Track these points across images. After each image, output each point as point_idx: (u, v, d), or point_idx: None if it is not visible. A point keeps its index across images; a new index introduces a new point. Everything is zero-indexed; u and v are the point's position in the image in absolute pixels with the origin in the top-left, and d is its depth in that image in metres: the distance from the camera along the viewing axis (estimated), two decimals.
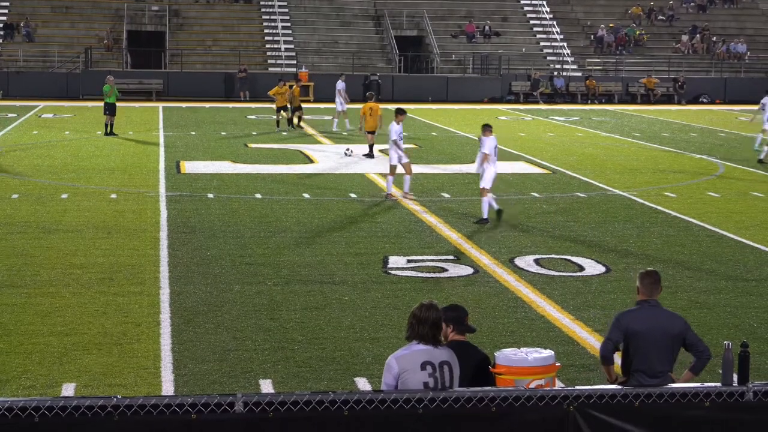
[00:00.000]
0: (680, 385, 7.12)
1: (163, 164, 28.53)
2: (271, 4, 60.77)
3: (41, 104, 48.34)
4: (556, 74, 58.20)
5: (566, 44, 60.87)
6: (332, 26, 60.42)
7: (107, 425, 5.96)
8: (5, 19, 57.76)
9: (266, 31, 59.32)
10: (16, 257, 16.95)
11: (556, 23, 62.20)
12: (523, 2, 63.75)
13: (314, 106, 49.92)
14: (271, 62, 57.27)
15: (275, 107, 39.40)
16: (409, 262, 17.01)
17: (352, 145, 32.95)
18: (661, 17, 64.61)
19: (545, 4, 63.38)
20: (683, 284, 15.83)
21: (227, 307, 14.16)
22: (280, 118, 38.94)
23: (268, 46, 58.58)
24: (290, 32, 59.14)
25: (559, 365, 8.05)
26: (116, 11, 58.70)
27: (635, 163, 30.50)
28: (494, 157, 20.56)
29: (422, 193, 23.80)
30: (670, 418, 6.52)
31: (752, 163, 30.40)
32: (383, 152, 31.08)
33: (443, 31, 60.73)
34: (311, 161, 30.22)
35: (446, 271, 16.46)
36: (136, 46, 57.37)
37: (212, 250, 17.67)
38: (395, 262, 16.98)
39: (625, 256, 17.85)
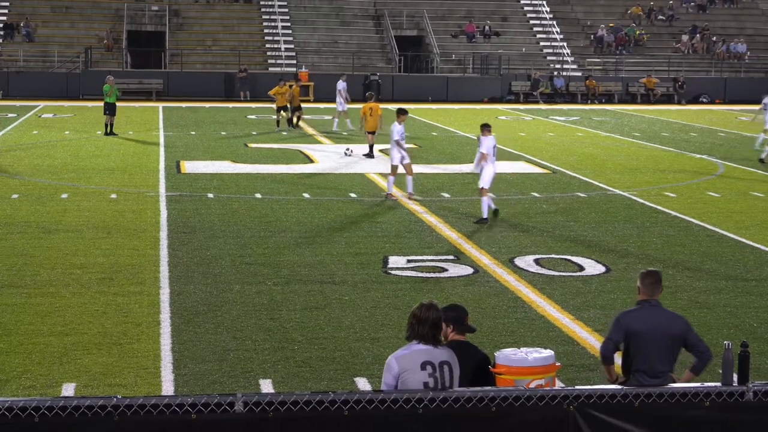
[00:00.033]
0: (680, 385, 7.11)
1: (163, 164, 28.52)
2: (271, 4, 60.76)
3: (41, 104, 48.34)
4: (556, 74, 58.19)
5: (566, 44, 60.87)
6: (332, 26, 60.42)
7: (107, 425, 5.96)
8: (5, 19, 57.76)
9: (266, 31, 59.31)
10: (16, 257, 16.94)
11: (556, 23, 62.20)
12: (523, 2, 63.75)
13: (314, 106, 49.92)
14: (271, 62, 57.27)
15: (275, 107, 39.42)
16: (409, 262, 17.00)
17: (352, 145, 32.95)
18: (661, 17, 64.61)
19: (545, 4, 63.37)
20: (683, 284, 15.83)
21: (227, 307, 14.15)
22: (280, 118, 38.95)
23: (268, 46, 58.58)
24: (290, 32, 59.14)
25: (559, 365, 8.05)
26: (116, 11, 58.70)
27: (635, 162, 30.49)
28: (493, 156, 20.56)
29: (422, 193, 23.80)
30: (670, 418, 6.52)
31: (752, 162, 30.39)
32: (383, 152, 31.11)
33: (443, 31, 60.73)
34: (311, 161, 30.21)
35: (446, 271, 16.46)
36: (136, 46, 57.37)
37: (212, 250, 17.67)
38: (395, 262, 16.98)
39: (625, 256, 17.85)
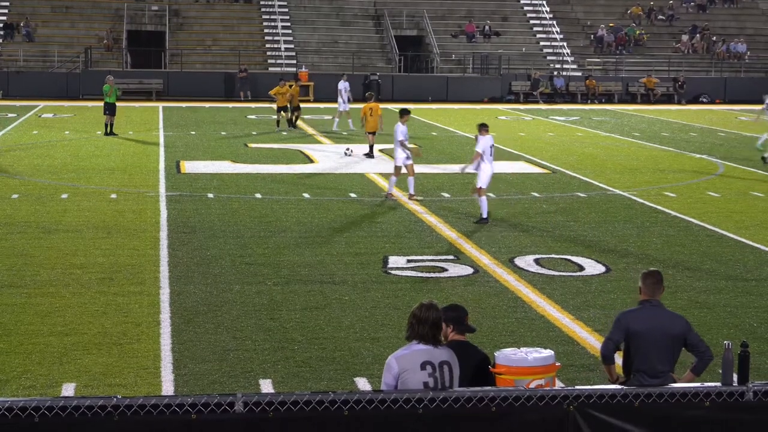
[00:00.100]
0: (680, 385, 7.11)
1: (163, 164, 28.52)
2: (271, 4, 60.76)
3: (41, 104, 48.34)
4: (556, 74, 58.18)
5: (566, 44, 60.86)
6: (332, 26, 60.42)
7: (107, 425, 5.96)
8: (5, 19, 57.75)
9: (266, 30, 59.31)
10: (16, 257, 16.94)
11: (556, 23, 62.19)
12: (523, 2, 63.74)
13: (314, 106, 49.93)
14: (271, 62, 57.26)
15: (276, 107, 39.42)
16: (409, 262, 17.00)
17: (352, 145, 32.95)
18: (661, 17, 64.60)
19: (545, 4, 63.37)
20: (683, 284, 15.83)
21: (227, 307, 14.15)
22: (280, 118, 38.96)
23: (268, 45, 58.58)
24: (290, 32, 59.13)
25: (559, 365, 8.05)
26: (116, 11, 58.70)
27: (635, 162, 30.49)
28: (490, 156, 20.56)
29: (422, 193, 23.79)
30: (670, 418, 6.52)
31: (752, 162, 30.38)
32: (383, 152, 31.11)
33: (443, 30, 60.72)
34: (311, 161, 30.21)
35: (446, 270, 16.46)
36: (136, 45, 57.36)
37: (212, 250, 17.66)
38: (395, 262, 16.98)
39: (625, 256, 17.85)
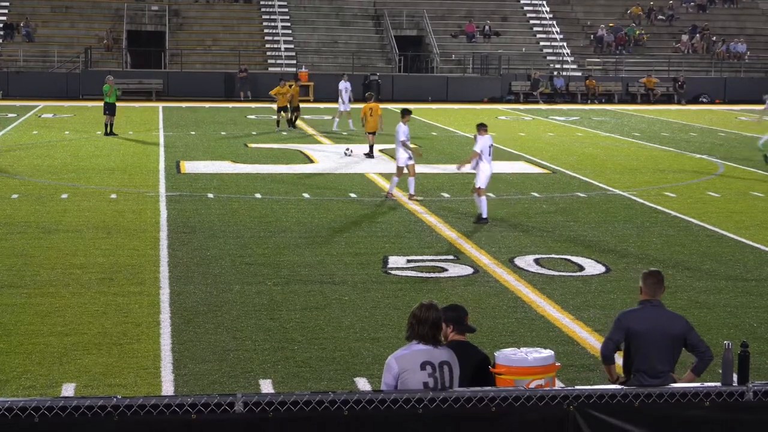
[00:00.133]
0: (680, 385, 7.11)
1: (163, 164, 28.52)
2: (271, 4, 60.76)
3: (41, 104, 48.33)
4: (556, 74, 58.18)
5: (566, 44, 60.86)
6: (332, 26, 60.41)
7: (107, 425, 5.96)
8: (5, 19, 57.75)
9: (266, 31, 59.31)
10: (16, 257, 16.94)
11: (556, 23, 62.19)
12: (523, 2, 63.74)
13: (314, 106, 49.92)
14: (271, 62, 57.26)
15: (276, 107, 39.42)
16: (409, 262, 17.00)
17: (352, 145, 32.96)
18: (661, 17, 64.60)
19: (545, 4, 63.36)
20: (683, 284, 15.82)
21: (227, 307, 14.15)
22: (280, 118, 38.96)
23: (268, 46, 58.57)
24: (290, 32, 59.13)
25: (559, 365, 8.05)
26: (116, 11, 58.70)
27: (635, 163, 30.49)
28: (489, 156, 20.57)
29: (422, 193, 23.79)
30: (670, 418, 6.52)
31: (752, 162, 30.38)
32: (383, 152, 31.12)
33: (443, 31, 60.72)
34: (311, 161, 30.21)
35: (446, 271, 16.46)
36: (136, 46, 57.36)
37: (212, 250, 17.66)
38: (395, 262, 16.98)
39: (625, 256, 17.85)
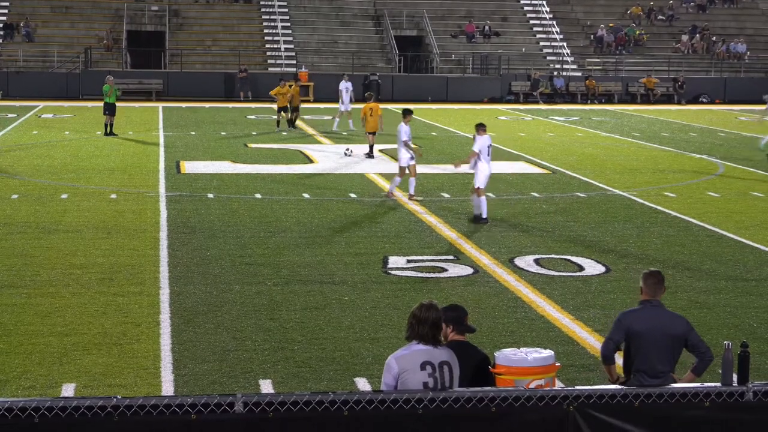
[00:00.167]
0: (680, 385, 7.11)
1: (163, 164, 28.52)
2: (271, 4, 60.76)
3: (41, 104, 48.33)
4: (555, 74, 58.18)
5: (566, 44, 60.86)
6: (332, 26, 60.42)
7: (107, 425, 5.96)
8: (5, 19, 57.76)
9: (266, 31, 59.31)
10: (16, 257, 16.94)
11: (555, 23, 62.19)
12: (523, 2, 63.74)
13: (314, 106, 49.92)
14: (271, 62, 57.26)
15: (277, 107, 39.42)
16: (408, 262, 17.00)
17: (352, 145, 32.96)
18: (660, 17, 64.60)
19: (545, 4, 63.36)
20: (683, 284, 15.82)
21: (227, 307, 14.15)
22: (280, 118, 38.96)
23: (268, 46, 58.58)
24: (290, 32, 59.14)
25: (558, 365, 8.05)
26: (116, 11, 58.70)
27: (635, 163, 30.49)
28: (487, 156, 20.57)
29: (422, 193, 23.79)
30: (670, 418, 6.52)
31: (752, 162, 30.39)
32: (383, 152, 31.12)
33: (443, 31, 60.72)
34: (311, 161, 30.21)
35: (446, 271, 16.46)
36: (135, 46, 57.36)
37: (212, 250, 17.66)
38: (395, 262, 16.97)
39: (624, 256, 17.84)
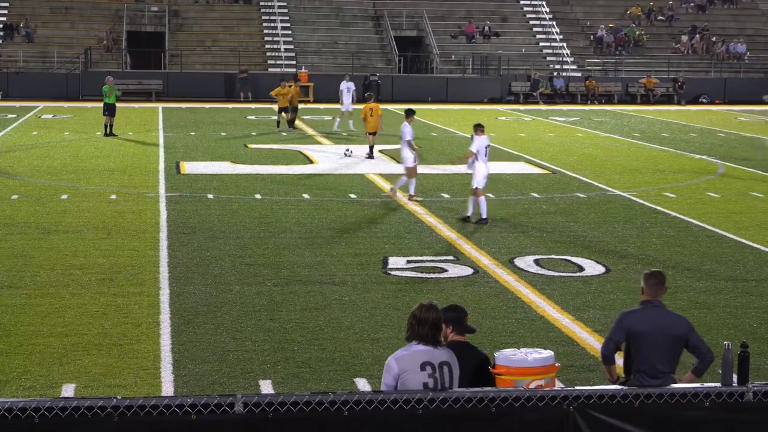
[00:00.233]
0: (680, 385, 7.11)
1: (162, 165, 28.52)
2: (270, 4, 60.76)
3: (41, 105, 48.33)
4: (555, 74, 58.18)
5: (566, 44, 60.86)
6: (332, 26, 60.42)
7: (107, 426, 5.96)
8: (5, 19, 57.75)
9: (266, 31, 59.31)
10: (16, 258, 16.94)
11: (555, 23, 62.19)
12: (522, 2, 63.74)
13: (314, 106, 49.93)
14: (270, 62, 57.26)
15: (277, 108, 39.42)
16: (408, 262, 17.00)
17: (352, 145, 32.96)
18: (660, 17, 64.60)
19: (545, 4, 63.37)
20: (683, 284, 15.82)
21: (227, 307, 14.15)
22: (281, 119, 38.95)
23: (267, 46, 58.57)
24: (290, 32, 59.14)
25: (558, 366, 8.05)
26: (116, 12, 58.70)
27: (635, 163, 30.49)
28: (485, 156, 20.58)
29: (422, 193, 23.80)
30: (670, 418, 6.52)
31: (752, 162, 30.40)
32: (383, 153, 31.13)
33: (443, 31, 60.73)
34: (311, 162, 30.21)
35: (446, 271, 16.46)
36: (135, 46, 57.35)
37: (212, 250, 17.66)
38: (395, 262, 16.98)
39: (624, 256, 17.85)
